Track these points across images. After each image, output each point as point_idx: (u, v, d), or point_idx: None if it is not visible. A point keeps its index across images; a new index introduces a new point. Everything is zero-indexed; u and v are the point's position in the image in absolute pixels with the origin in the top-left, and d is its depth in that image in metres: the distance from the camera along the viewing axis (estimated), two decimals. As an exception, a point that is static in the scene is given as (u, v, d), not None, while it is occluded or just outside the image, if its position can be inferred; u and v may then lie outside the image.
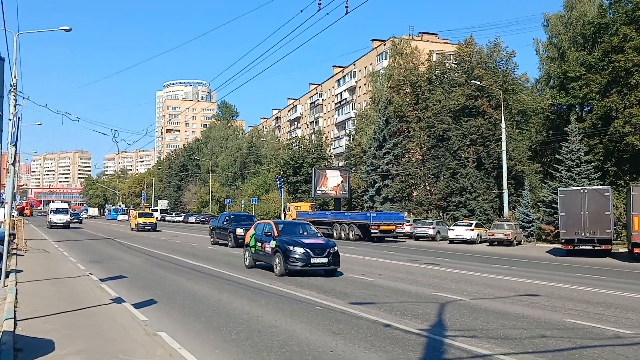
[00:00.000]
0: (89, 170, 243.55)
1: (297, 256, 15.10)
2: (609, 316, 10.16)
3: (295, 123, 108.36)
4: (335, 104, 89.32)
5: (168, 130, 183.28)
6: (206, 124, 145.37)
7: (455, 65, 50.87)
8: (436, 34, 75.62)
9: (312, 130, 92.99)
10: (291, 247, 15.25)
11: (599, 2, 44.22)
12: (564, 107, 42.79)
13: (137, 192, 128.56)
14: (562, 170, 35.97)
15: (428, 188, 51.38)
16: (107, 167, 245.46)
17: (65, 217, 49.52)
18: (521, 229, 37.14)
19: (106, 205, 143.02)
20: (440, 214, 47.78)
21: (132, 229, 47.95)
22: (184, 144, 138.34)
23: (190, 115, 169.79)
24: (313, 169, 55.45)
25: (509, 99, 45.09)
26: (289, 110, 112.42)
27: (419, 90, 53.26)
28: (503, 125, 39.65)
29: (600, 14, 41.73)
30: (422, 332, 8.56)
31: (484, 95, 45.21)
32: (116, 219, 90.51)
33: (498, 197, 42.84)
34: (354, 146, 63.40)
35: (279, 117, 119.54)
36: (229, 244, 27.69)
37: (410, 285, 14.33)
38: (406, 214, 44.17)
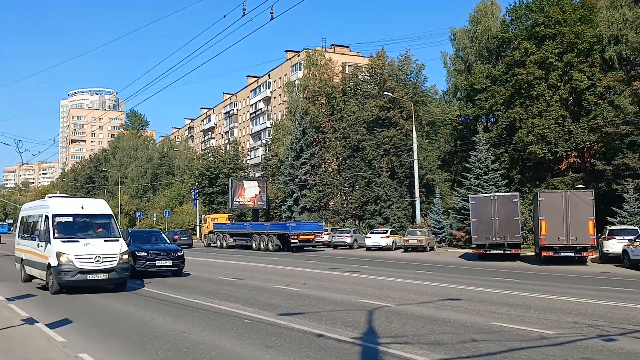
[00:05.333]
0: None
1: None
2: (530, 317, 10.55)
3: (209, 133, 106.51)
4: (251, 114, 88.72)
5: (73, 141, 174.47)
6: (114, 134, 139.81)
7: (368, 77, 51.96)
8: (348, 47, 77.02)
9: (227, 141, 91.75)
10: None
11: (502, 17, 46.86)
12: (471, 117, 44.89)
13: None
14: (471, 178, 37.50)
15: (344, 197, 52.06)
16: (7, 180, 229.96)
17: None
18: (433, 235, 38.36)
19: (6, 219, 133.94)
20: (357, 223, 48.50)
21: None
22: (90, 155, 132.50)
23: (96, 124, 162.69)
24: (230, 179, 54.55)
25: (420, 110, 46.67)
26: (202, 120, 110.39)
27: (334, 101, 54.07)
28: (414, 135, 40.86)
29: (503, 29, 44.21)
30: (355, 340, 8.49)
31: (395, 106, 46.51)
32: (5, 233, 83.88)
33: (410, 205, 44.01)
34: (270, 156, 63.21)
35: (192, 127, 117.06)
36: None
37: (335, 294, 14.31)
38: (324, 223, 44.47)
